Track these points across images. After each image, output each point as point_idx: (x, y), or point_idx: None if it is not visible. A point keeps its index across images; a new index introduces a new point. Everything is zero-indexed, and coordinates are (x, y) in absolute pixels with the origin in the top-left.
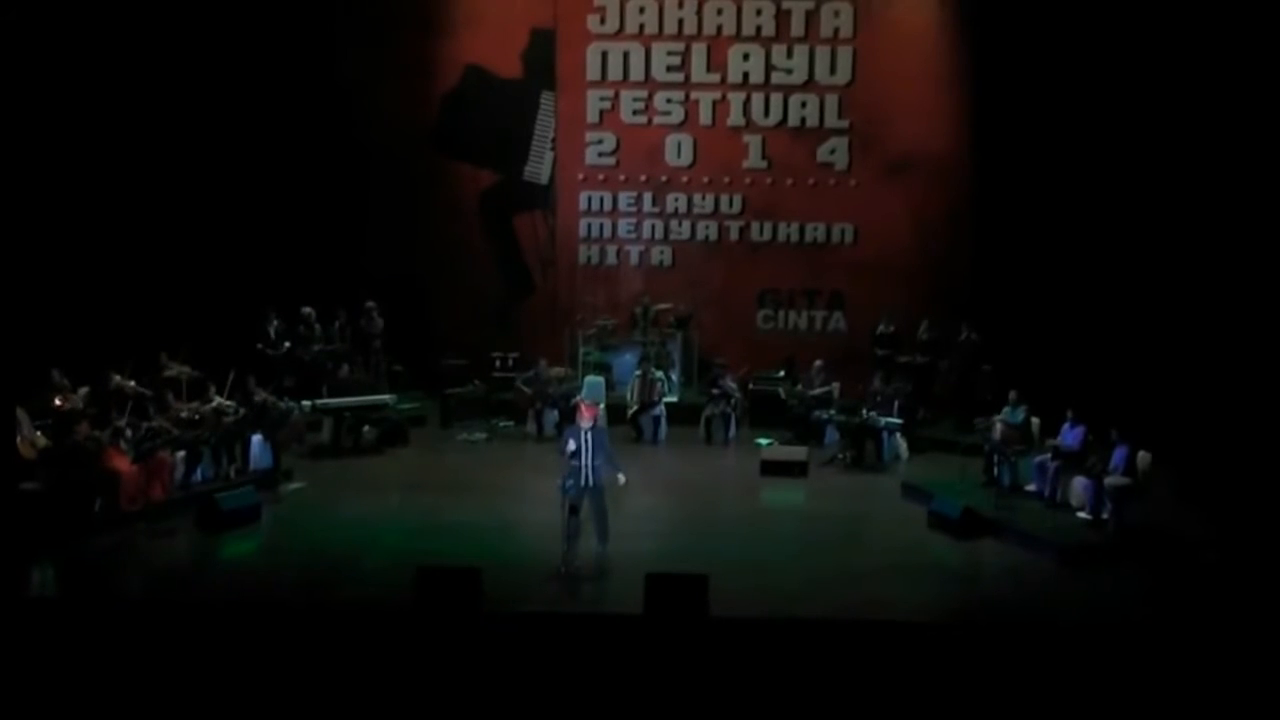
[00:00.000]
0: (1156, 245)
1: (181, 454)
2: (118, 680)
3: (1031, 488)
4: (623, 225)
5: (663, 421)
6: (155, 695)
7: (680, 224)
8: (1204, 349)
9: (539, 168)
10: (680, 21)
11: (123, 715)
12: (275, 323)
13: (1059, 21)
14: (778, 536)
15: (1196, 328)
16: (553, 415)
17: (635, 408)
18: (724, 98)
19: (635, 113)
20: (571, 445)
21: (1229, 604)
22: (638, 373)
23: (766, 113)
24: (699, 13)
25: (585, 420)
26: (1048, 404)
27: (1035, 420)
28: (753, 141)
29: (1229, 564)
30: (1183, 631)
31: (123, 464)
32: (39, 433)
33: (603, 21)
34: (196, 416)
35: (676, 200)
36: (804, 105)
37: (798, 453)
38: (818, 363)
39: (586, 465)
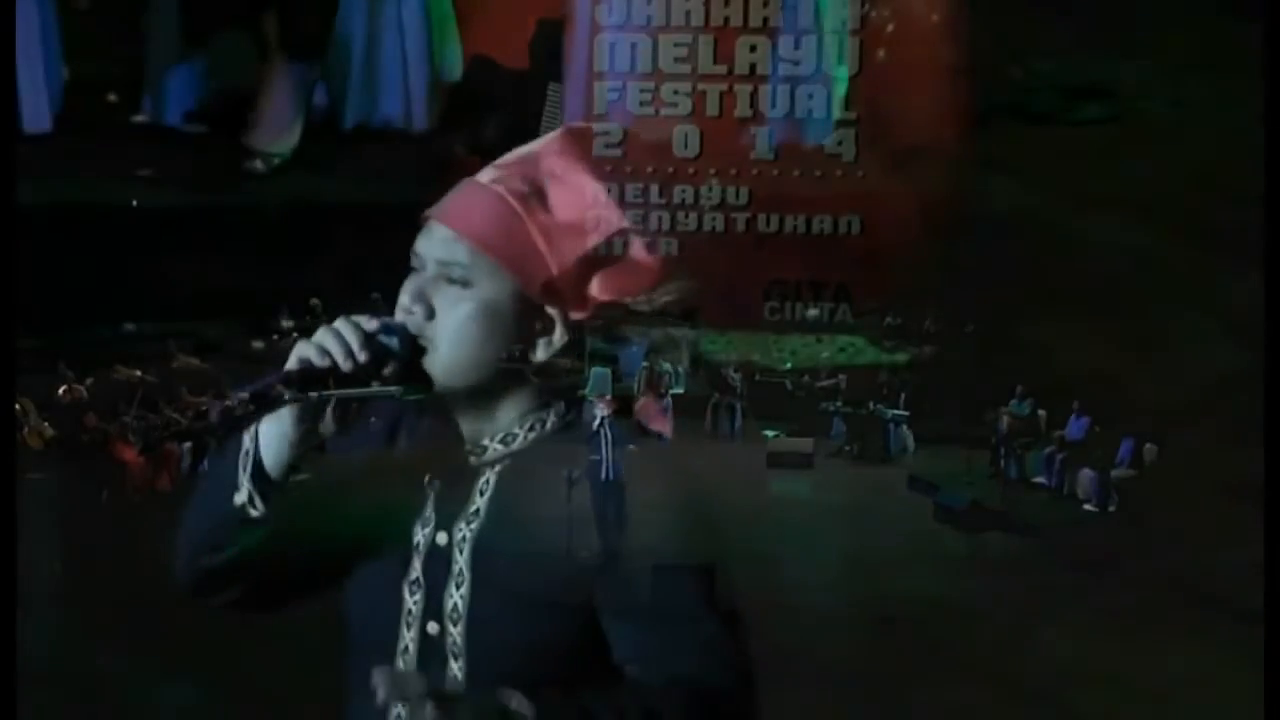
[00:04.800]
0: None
1: (188, 445)
2: (124, 672)
3: (1039, 480)
4: (629, 217)
5: (669, 413)
6: (161, 687)
7: (686, 216)
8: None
9: None
10: (687, 13)
11: (129, 707)
12: (282, 314)
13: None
14: (782, 528)
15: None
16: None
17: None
18: (731, 89)
19: (642, 104)
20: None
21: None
22: (645, 364)
23: (774, 104)
24: (706, 4)
25: (603, 408)
26: (1054, 396)
27: (1042, 413)
28: (760, 133)
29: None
30: None
31: (130, 455)
32: (46, 423)
33: (610, 12)
34: (204, 408)
35: (683, 192)
36: (811, 97)
37: (803, 444)
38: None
39: (606, 456)
